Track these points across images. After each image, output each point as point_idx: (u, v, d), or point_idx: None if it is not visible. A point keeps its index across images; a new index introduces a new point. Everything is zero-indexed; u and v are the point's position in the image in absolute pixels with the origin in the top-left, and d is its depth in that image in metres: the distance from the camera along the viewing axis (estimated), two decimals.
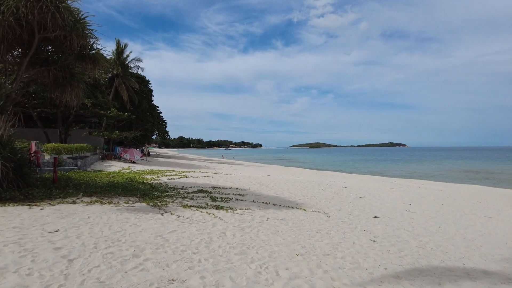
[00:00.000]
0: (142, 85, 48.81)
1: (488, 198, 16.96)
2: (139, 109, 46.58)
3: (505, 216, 11.35)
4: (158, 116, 58.98)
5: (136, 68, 46.61)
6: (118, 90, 40.77)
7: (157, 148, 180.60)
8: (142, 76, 49.93)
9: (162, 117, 62.57)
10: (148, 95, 52.35)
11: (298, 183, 16.57)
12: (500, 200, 16.34)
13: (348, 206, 10.83)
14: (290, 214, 8.55)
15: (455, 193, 18.00)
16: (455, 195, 16.96)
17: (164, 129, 63.32)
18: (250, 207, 9.09)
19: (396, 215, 9.90)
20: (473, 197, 16.92)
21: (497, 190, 21.78)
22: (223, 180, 15.61)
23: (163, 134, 63.55)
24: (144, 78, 50.75)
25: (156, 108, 57.63)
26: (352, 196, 13.49)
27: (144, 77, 50.68)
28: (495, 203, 14.99)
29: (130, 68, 45.25)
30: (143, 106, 48.03)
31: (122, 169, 20.91)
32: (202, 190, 11.64)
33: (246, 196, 10.94)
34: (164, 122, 64.05)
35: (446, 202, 13.76)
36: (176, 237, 5.72)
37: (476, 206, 13.44)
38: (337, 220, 8.39)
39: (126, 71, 43.19)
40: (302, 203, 10.65)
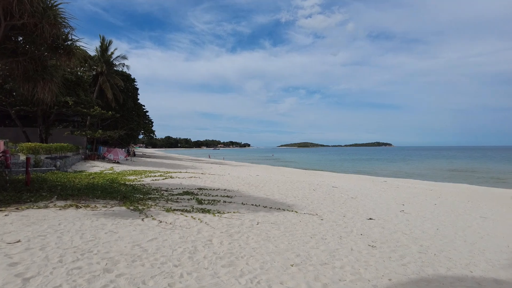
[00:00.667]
0: (127, 83, 47.55)
1: (478, 197, 16.86)
2: (124, 107, 45.34)
3: (500, 216, 11.12)
4: (144, 115, 57.71)
5: (121, 66, 45.26)
6: (102, 88, 39.49)
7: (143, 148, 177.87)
8: (128, 74, 48.64)
9: (148, 116, 61.32)
10: (134, 94, 51.06)
11: (288, 183, 16.09)
12: (490, 199, 16.25)
13: (341, 208, 10.38)
14: (281, 217, 8.02)
15: (446, 193, 17.85)
16: (446, 195, 16.79)
17: (150, 129, 62.03)
18: (239, 210, 8.52)
19: (391, 217, 9.50)
20: (464, 196, 16.79)
21: (485, 189, 21.82)
22: (210, 181, 14.98)
23: (149, 134, 62.19)
24: (129, 76, 49.47)
25: (142, 107, 56.35)
26: (344, 196, 13.08)
27: (129, 75, 49.41)
28: (487, 202, 14.85)
29: (115, 66, 43.92)
30: (128, 104, 46.78)
31: (104, 169, 20.02)
32: (188, 192, 11.01)
33: (235, 198, 10.37)
34: (151, 121, 62.78)
35: (438, 202, 13.50)
36: (156, 247, 5.11)
37: (469, 206, 13.23)
38: (331, 223, 7.91)
39: (111, 69, 41.90)
40: (294, 204, 10.14)
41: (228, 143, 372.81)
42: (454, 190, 20.10)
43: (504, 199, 16.80)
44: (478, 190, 21.13)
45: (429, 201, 13.64)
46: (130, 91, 49.24)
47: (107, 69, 40.44)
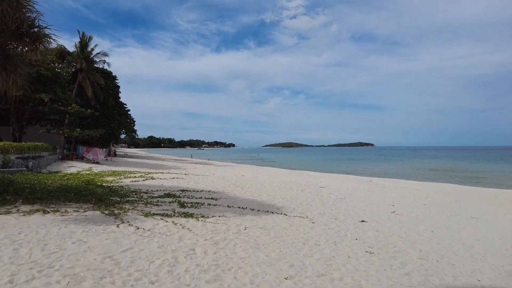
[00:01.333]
0: (108, 80, 46.01)
1: (464, 196, 16.85)
2: (105, 106, 43.84)
3: (490, 217, 10.96)
4: (125, 114, 56.01)
5: (101, 63, 43.68)
6: (82, 85, 37.94)
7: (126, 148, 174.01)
8: (109, 71, 47.07)
9: (130, 115, 59.57)
10: (115, 92, 49.46)
11: (275, 183, 15.58)
12: (476, 198, 16.25)
13: (331, 209, 9.94)
14: (270, 221, 7.48)
15: (432, 193, 17.79)
16: (433, 195, 16.70)
17: (132, 128, 60.30)
18: (224, 213, 7.93)
19: (383, 219, 9.12)
20: (450, 196, 16.75)
21: (468, 188, 21.99)
22: (194, 182, 14.29)
23: (130, 133, 60.44)
24: (110, 74, 47.88)
25: (123, 105, 54.70)
26: (332, 197, 12.69)
27: (110, 73, 47.83)
28: (473, 201, 14.80)
29: (95, 63, 42.31)
30: (109, 103, 45.25)
31: (82, 170, 18.97)
32: (169, 194, 10.31)
33: (220, 200, 9.76)
34: (132, 120, 61.02)
35: (427, 202, 13.30)
36: (131, 258, 4.47)
37: (458, 206, 13.08)
38: (323, 227, 7.43)
39: (91, 66, 40.32)
40: (282, 206, 9.63)
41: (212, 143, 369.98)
42: (440, 189, 20.12)
43: (488, 198, 16.86)
44: (462, 189, 21.26)
45: (418, 202, 13.42)
46: (111, 89, 47.70)
47: (87, 66, 38.88)
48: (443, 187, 22.52)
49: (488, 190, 21.69)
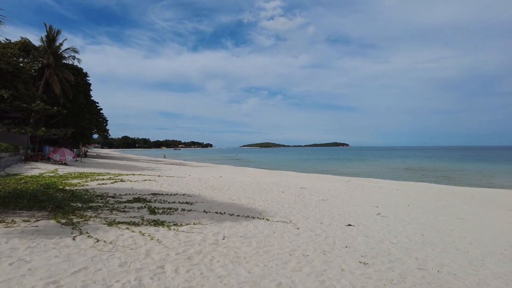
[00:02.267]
0: (78, 77, 43.58)
1: (443, 196, 16.85)
2: (75, 104, 41.56)
3: (474, 217, 10.77)
4: (97, 112, 53.54)
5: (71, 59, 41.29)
6: (49, 82, 35.61)
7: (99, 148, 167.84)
8: (79, 68, 44.67)
9: (102, 114, 57.03)
10: (86, 89, 47.03)
11: (254, 185, 14.88)
12: (454, 197, 16.26)
13: (315, 212, 9.36)
14: (251, 228, 6.76)
15: (412, 193, 17.72)
16: (413, 195, 16.59)
17: (104, 127, 57.77)
18: (200, 220, 7.13)
19: (370, 222, 8.64)
20: (430, 195, 16.70)
21: (445, 187, 22.23)
22: (167, 184, 13.32)
23: (102, 133, 57.88)
24: (81, 70, 45.46)
25: (95, 104, 52.25)
26: (314, 198, 12.15)
27: (81, 69, 45.41)
28: (453, 201, 14.74)
29: (64, 59, 39.90)
30: (80, 101, 42.91)
31: (45, 172, 17.45)
32: (139, 198, 9.35)
33: (196, 205, 8.92)
34: (105, 119, 58.46)
35: (410, 203, 13.05)
36: (83, 283, 3.62)
37: (440, 205, 12.91)
38: (309, 233, 6.80)
39: (59, 61, 37.95)
40: (263, 210, 8.94)
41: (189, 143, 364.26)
42: (418, 189, 20.16)
43: (465, 197, 16.96)
44: (438, 188, 21.44)
45: (400, 202, 13.15)
46: (81, 86, 45.33)
47: (54, 61, 36.53)
48: (420, 186, 22.67)
49: (462, 188, 22.03)
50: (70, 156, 28.19)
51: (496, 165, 49.38)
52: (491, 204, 14.61)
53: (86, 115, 45.90)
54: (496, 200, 16.29)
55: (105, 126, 58.85)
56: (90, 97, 49.04)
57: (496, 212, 12.20)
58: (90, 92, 48.88)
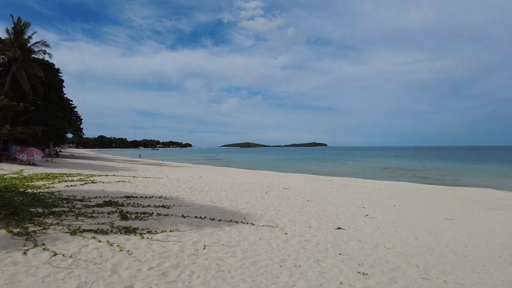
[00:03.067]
0: (49, 73, 41.24)
1: (425, 195, 16.80)
2: (46, 101, 39.29)
3: (461, 217, 10.56)
4: (71, 110, 51.05)
5: (41, 54, 38.94)
6: (17, 77, 33.36)
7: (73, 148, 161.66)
8: (50, 63, 42.28)
9: (76, 112, 54.50)
10: (58, 86, 44.58)
11: (236, 186, 14.19)
12: (437, 197, 16.22)
13: (301, 214, 8.82)
14: (235, 234, 6.10)
15: (395, 192, 17.60)
16: (396, 194, 16.44)
17: (78, 126, 55.23)
18: (178, 226, 6.39)
19: (360, 224, 8.19)
20: (413, 195, 16.61)
21: (425, 187, 22.36)
22: (143, 185, 12.40)
23: (76, 132, 55.29)
24: (52, 66, 43.01)
25: (68, 101, 49.82)
26: (299, 199, 11.63)
27: (52, 65, 42.96)
28: (437, 201, 14.63)
29: (34, 53, 37.56)
30: (51, 98, 40.59)
31: (9, 173, 16.05)
32: (111, 201, 8.47)
33: (173, 209, 8.15)
34: (79, 118, 55.92)
35: (395, 203, 12.78)
36: None
37: (425, 206, 12.70)
38: (299, 239, 6.22)
39: (28, 56, 35.60)
40: (247, 213, 8.29)
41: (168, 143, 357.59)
42: (400, 188, 20.13)
43: (448, 196, 16.99)
44: (420, 188, 21.54)
45: (386, 202, 12.86)
46: (53, 82, 42.91)
47: (22, 55, 34.23)
48: (401, 185, 22.71)
49: (441, 187, 22.27)
50: (39, 156, 26.49)
51: (467, 164, 50.99)
52: (473, 203, 14.63)
53: (58, 113, 43.56)
54: (476, 199, 16.39)
55: (79, 125, 56.35)
56: (63, 94, 46.67)
57: (481, 212, 12.12)
58: (63, 89, 46.50)
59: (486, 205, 14.04)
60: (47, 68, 40.74)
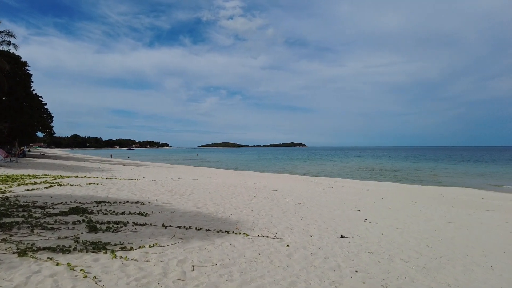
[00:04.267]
0: (15, 67, 38.44)
1: (414, 196, 16.41)
2: (12, 97, 36.53)
3: (461, 220, 10.05)
4: (40, 107, 48.01)
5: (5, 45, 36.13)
6: None
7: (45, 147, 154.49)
8: (16, 55, 39.42)
9: (46, 109, 51.34)
10: (25, 80, 41.71)
11: (221, 188, 13.14)
12: (426, 198, 15.86)
13: (297, 220, 7.93)
14: (228, 249, 5.11)
15: (383, 193, 17.14)
16: (385, 196, 15.94)
17: (48, 124, 52.07)
18: (158, 239, 5.32)
19: (362, 231, 7.40)
20: (403, 196, 16.17)
21: (411, 187, 22.14)
22: (117, 188, 11.11)
23: (46, 130, 52.06)
24: (18, 59, 40.07)
25: (38, 98, 46.82)
26: (290, 202, 10.77)
27: (18, 57, 40.05)
28: (429, 202, 14.19)
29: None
30: (18, 93, 37.82)
31: None
32: (79, 208, 7.23)
33: (152, 216, 7.03)
34: (50, 115, 52.75)
35: (389, 205, 12.18)
36: None
37: (419, 208, 12.17)
38: (303, 252, 5.31)
39: None
40: (238, 220, 7.30)
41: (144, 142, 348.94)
42: (387, 189, 19.75)
43: (436, 196, 16.69)
44: (407, 188, 21.28)
45: (379, 204, 12.24)
46: (19, 76, 40.04)
47: None
48: (386, 186, 22.39)
49: (427, 188, 22.14)
50: (1, 155, 24.33)
51: (441, 164, 52.21)
52: (464, 203, 14.33)
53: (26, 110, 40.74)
54: (464, 199, 16.17)
55: (50, 123, 53.18)
56: (31, 89, 43.77)
57: (477, 213, 11.72)
58: (31, 84, 43.58)
59: (478, 206, 13.74)
60: (12, 61, 37.91)
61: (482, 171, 37.99)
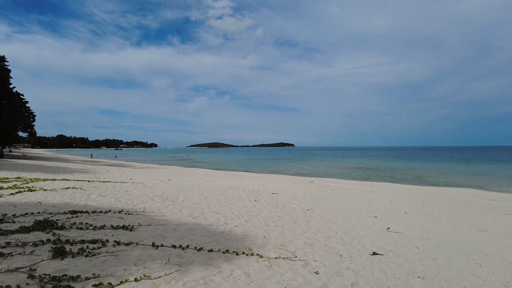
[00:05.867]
0: None
1: (423, 199, 15.37)
2: None
3: (490, 227, 8.97)
4: (21, 105, 45.60)
5: None
6: None
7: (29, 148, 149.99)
8: None
9: (28, 108, 48.88)
10: (3, 77, 39.41)
11: (217, 191, 11.78)
12: (436, 200, 14.84)
13: (313, 232, 6.66)
14: (243, 282, 3.79)
15: (389, 195, 16.06)
16: (393, 198, 14.84)
17: (29, 123, 49.58)
18: (147, 267, 3.96)
19: (392, 244, 6.19)
20: (410, 198, 15.11)
21: (413, 188, 21.20)
22: (98, 193, 9.63)
23: (27, 129, 49.56)
24: None
25: (19, 95, 44.43)
26: (297, 208, 9.52)
27: None
28: (441, 205, 13.15)
29: None
30: None
31: None
32: (47, 221, 5.78)
33: (139, 231, 5.64)
34: (31, 114, 50.25)
35: (404, 210, 11.06)
36: None
37: (438, 212, 11.09)
38: (340, 281, 4.04)
39: None
40: (245, 235, 5.98)
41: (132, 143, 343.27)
42: (391, 190, 18.71)
43: (446, 199, 15.72)
44: (410, 189, 20.31)
45: (391, 208, 11.10)
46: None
47: None
48: (388, 187, 21.39)
49: (431, 189, 21.26)
50: None
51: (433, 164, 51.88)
52: (479, 206, 13.33)
53: (5, 108, 38.45)
54: (475, 201, 15.23)
55: (31, 122, 50.68)
56: (10, 86, 41.44)
57: (499, 218, 10.67)
58: (9, 80, 41.23)
59: (493, 209, 12.76)
60: None
61: (472, 171, 37.58)
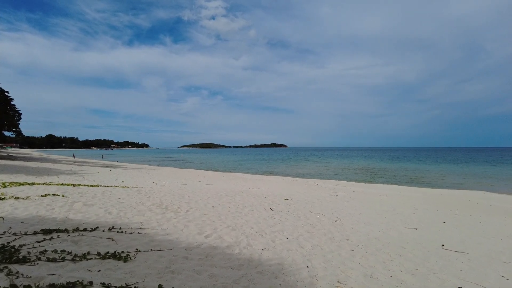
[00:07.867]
0: None
1: (445, 203, 14.03)
2: None
3: None
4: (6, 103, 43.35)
5: None
6: None
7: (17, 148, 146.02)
8: None
9: (14, 105, 46.57)
10: None
11: (223, 197, 10.17)
12: (461, 205, 13.51)
13: (362, 256, 5.16)
14: None
15: (406, 199, 14.68)
16: (412, 203, 13.46)
17: (14, 122, 47.28)
18: None
19: (467, 270, 4.71)
20: (430, 203, 13.75)
21: (428, 191, 19.89)
22: (84, 202, 7.93)
23: (12, 128, 47.25)
24: None
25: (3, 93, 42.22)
26: (324, 220, 8.00)
27: None
28: (470, 211, 11.82)
29: None
30: None
31: None
32: (3, 248, 4.15)
33: (137, 261, 4.02)
34: (17, 112, 47.91)
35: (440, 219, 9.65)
36: None
37: (476, 221, 9.71)
38: None
39: None
40: (281, 264, 4.41)
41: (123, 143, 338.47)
42: (406, 194, 17.34)
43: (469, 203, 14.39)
44: (427, 193, 18.97)
45: (423, 216, 9.66)
46: None
47: None
48: (397, 189, 20.04)
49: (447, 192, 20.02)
50: None
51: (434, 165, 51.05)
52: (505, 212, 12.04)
53: None
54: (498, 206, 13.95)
55: (17, 121, 48.34)
56: None
57: None
58: None
59: None
60: None
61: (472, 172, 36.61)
